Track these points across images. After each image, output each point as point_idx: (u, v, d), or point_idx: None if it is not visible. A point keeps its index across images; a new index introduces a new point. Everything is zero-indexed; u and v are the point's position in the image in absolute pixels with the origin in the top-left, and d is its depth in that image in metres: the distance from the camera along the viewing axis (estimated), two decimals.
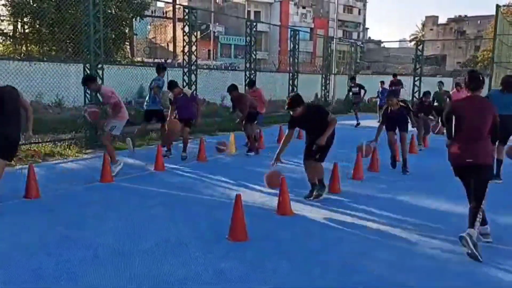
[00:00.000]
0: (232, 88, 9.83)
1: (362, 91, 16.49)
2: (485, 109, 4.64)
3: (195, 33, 12.78)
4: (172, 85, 9.18)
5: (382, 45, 66.36)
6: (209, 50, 42.86)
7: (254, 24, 15.40)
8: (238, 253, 4.31)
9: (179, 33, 48.71)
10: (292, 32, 17.98)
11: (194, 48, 12.85)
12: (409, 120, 8.39)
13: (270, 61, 42.68)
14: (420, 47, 21.51)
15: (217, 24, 49.33)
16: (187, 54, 12.78)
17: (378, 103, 17.48)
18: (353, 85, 16.60)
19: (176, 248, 4.40)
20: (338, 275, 3.93)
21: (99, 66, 10.09)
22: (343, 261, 4.22)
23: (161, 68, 9.90)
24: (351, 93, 16.68)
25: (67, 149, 9.48)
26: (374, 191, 6.82)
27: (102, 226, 4.99)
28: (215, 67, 29.42)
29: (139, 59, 32.03)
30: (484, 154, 4.58)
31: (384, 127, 8.24)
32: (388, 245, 4.67)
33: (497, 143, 5.28)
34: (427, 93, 11.41)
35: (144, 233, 4.79)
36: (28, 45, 18.77)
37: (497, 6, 19.23)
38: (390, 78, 19.82)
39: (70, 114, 12.62)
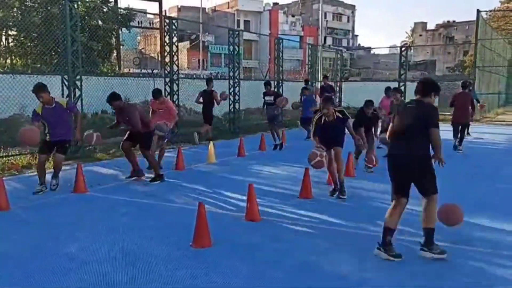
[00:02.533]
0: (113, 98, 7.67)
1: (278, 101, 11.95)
2: (467, 97, 11.51)
3: (176, 43, 12.85)
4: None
5: (372, 51, 66.95)
6: (198, 60, 43.04)
7: (237, 33, 15.52)
8: (199, 259, 4.33)
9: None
10: (276, 41, 18.12)
11: (175, 58, 12.92)
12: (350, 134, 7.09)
13: (260, 69, 42.96)
14: (404, 53, 21.71)
15: (207, 33, 49.62)
16: (169, 64, 12.84)
17: (301, 115, 14.02)
18: (266, 91, 12.16)
19: (139, 256, 4.41)
20: (298, 277, 3.96)
21: (78, 77, 10.12)
22: (305, 263, 4.26)
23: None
24: (264, 105, 12.28)
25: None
26: (348, 196, 6.86)
27: (70, 236, 5.00)
28: (203, 76, 29.48)
29: (126, 70, 32.14)
30: (467, 117, 11.53)
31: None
32: (353, 247, 4.71)
33: None
34: (368, 103, 8.77)
35: (110, 242, 4.80)
36: (13, 58, 18.77)
37: (478, 11, 19.57)
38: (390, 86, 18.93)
39: None
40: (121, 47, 31.44)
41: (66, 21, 9.77)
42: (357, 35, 72.15)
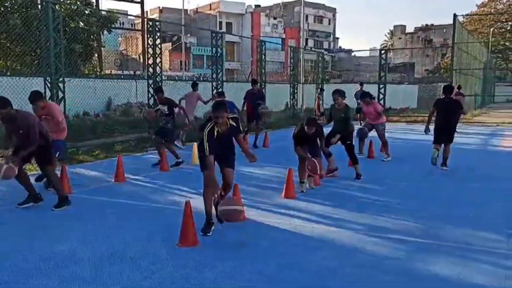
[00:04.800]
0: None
1: (176, 110, 9.56)
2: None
3: (159, 45, 12.89)
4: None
5: (353, 54, 67.73)
6: (180, 61, 42.94)
7: (220, 35, 15.63)
8: (187, 257, 4.43)
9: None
10: (258, 43, 18.29)
11: (158, 59, 12.95)
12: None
13: (242, 71, 43.13)
14: (384, 56, 22.13)
15: (189, 35, 49.54)
16: (152, 66, 12.88)
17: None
18: (158, 99, 9.59)
19: (126, 256, 4.49)
20: (283, 273, 4.09)
21: (60, 79, 10.09)
22: (289, 260, 4.40)
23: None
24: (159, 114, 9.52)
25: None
26: (328, 196, 7.01)
27: (56, 237, 5.04)
28: (185, 77, 29.48)
29: (108, 71, 31.94)
30: None
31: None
32: (336, 244, 4.88)
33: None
34: (309, 122, 6.87)
35: (97, 242, 4.86)
36: None
37: (455, 16, 20.05)
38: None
39: None
40: (102, 48, 31.22)
41: (49, 23, 9.74)
42: (338, 38, 72.93)
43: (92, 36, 20.37)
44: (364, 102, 10.36)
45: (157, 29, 12.77)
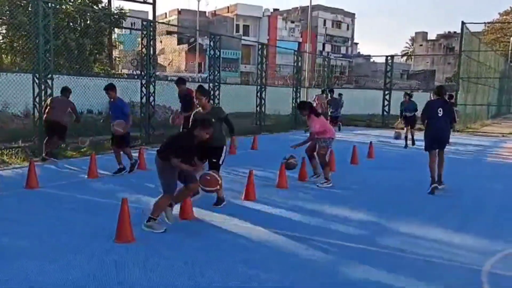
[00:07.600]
0: None
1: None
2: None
3: (153, 46, 13.07)
4: None
5: (371, 59, 67.15)
6: (199, 63, 43.46)
7: (218, 37, 15.74)
8: (118, 253, 4.50)
9: (167, 45, 48.86)
10: (260, 46, 18.35)
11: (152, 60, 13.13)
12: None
13: (255, 74, 43.24)
14: (390, 62, 21.93)
15: (205, 37, 49.90)
16: (145, 66, 13.06)
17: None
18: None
19: (63, 250, 4.58)
20: (203, 272, 4.12)
21: (49, 76, 10.33)
22: (218, 260, 4.43)
23: None
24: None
25: (14, 158, 9.65)
26: (289, 200, 6.97)
27: (5, 229, 5.18)
28: (198, 79, 29.67)
29: (125, 71, 32.48)
30: None
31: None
32: (266, 246, 4.88)
33: None
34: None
35: (41, 237, 4.96)
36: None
37: (463, 23, 19.72)
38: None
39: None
40: (120, 48, 31.73)
41: (38, 21, 9.99)
42: (357, 43, 72.44)
43: (101, 33, 20.71)
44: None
45: (151, 30, 12.95)
